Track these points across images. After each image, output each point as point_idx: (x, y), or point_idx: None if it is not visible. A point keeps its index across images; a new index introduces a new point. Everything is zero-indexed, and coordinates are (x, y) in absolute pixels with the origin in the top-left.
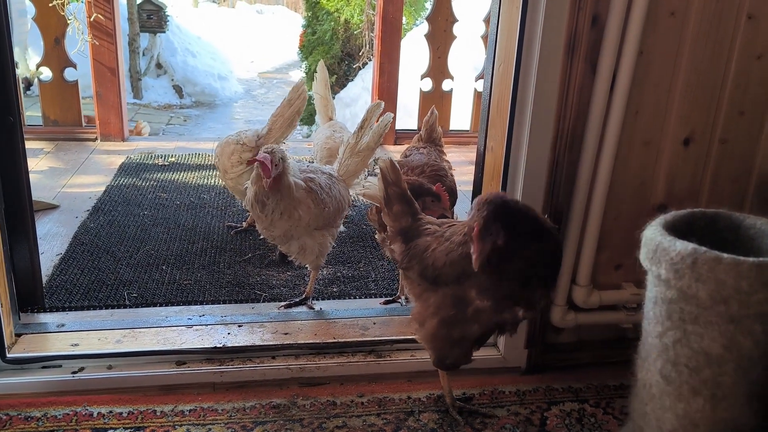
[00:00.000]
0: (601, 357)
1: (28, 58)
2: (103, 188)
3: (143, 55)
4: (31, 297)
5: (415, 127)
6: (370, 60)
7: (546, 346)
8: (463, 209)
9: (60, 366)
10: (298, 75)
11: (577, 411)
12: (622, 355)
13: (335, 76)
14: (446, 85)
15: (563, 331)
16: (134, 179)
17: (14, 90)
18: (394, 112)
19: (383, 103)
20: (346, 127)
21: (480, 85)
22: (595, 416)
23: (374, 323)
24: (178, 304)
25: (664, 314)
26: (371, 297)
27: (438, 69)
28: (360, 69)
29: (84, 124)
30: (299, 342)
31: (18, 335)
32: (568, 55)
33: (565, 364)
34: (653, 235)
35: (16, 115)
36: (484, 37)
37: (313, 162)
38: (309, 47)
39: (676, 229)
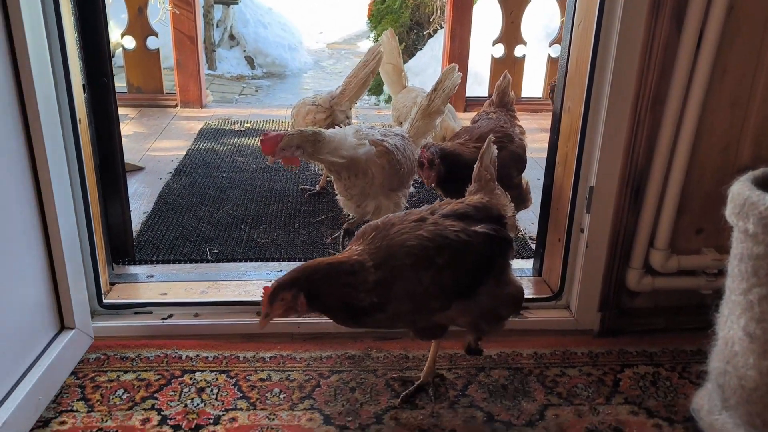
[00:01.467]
0: (678, 323)
1: (110, 30)
2: (184, 152)
3: (217, 26)
4: (123, 250)
5: (486, 95)
6: (441, 27)
7: (620, 310)
8: (534, 176)
9: (151, 312)
10: (366, 45)
11: (651, 374)
12: (701, 321)
13: (404, 44)
14: (519, 51)
15: (639, 296)
16: (213, 144)
17: (107, 54)
18: (465, 79)
19: (457, 66)
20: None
21: (554, 51)
22: (670, 380)
23: None
24: (256, 261)
25: (750, 270)
26: None
27: (511, 34)
28: (430, 37)
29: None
30: None
31: (112, 284)
32: (652, 12)
33: (640, 329)
34: (741, 189)
35: (110, 77)
36: (560, 0)
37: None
38: (378, 16)
39: (765, 185)
